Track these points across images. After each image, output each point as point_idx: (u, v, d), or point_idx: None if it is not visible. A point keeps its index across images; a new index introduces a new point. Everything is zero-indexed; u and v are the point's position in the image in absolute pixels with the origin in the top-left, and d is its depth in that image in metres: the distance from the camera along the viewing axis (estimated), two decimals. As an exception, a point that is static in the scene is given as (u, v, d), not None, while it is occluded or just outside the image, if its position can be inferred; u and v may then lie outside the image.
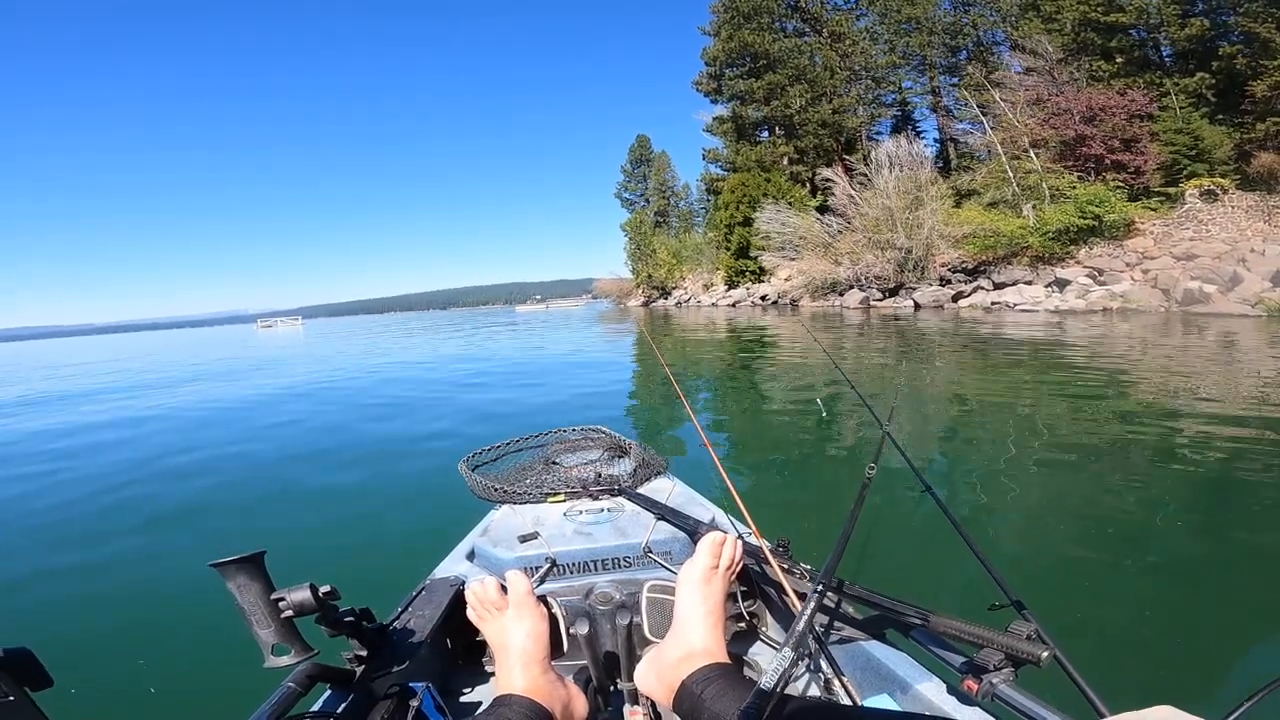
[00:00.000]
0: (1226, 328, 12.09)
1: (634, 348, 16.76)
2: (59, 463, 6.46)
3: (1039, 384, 7.63)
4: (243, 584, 0.95)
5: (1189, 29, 23.91)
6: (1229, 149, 22.10)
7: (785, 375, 10.01)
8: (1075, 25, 26.05)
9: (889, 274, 26.04)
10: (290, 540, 3.87)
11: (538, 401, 8.32)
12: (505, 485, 1.97)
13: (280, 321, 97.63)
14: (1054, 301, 18.58)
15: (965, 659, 1.06)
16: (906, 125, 39.48)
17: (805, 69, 39.86)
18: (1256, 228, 18.95)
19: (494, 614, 1.22)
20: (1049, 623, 1.01)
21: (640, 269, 51.90)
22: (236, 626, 0.96)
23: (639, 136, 63.93)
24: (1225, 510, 3.63)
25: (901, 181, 26.22)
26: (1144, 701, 0.66)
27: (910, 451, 2.11)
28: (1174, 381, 7.22)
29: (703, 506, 1.83)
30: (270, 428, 7.71)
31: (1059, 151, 24.45)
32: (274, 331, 64.28)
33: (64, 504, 5.04)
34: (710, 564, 1.23)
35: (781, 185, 38.12)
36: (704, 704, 0.97)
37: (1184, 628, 2.44)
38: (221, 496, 4.98)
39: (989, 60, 33.30)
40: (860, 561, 2.88)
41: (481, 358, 15.86)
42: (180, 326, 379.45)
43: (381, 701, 1.12)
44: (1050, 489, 4.05)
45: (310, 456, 6.08)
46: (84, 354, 38.79)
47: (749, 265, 37.98)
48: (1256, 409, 5.59)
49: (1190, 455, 4.50)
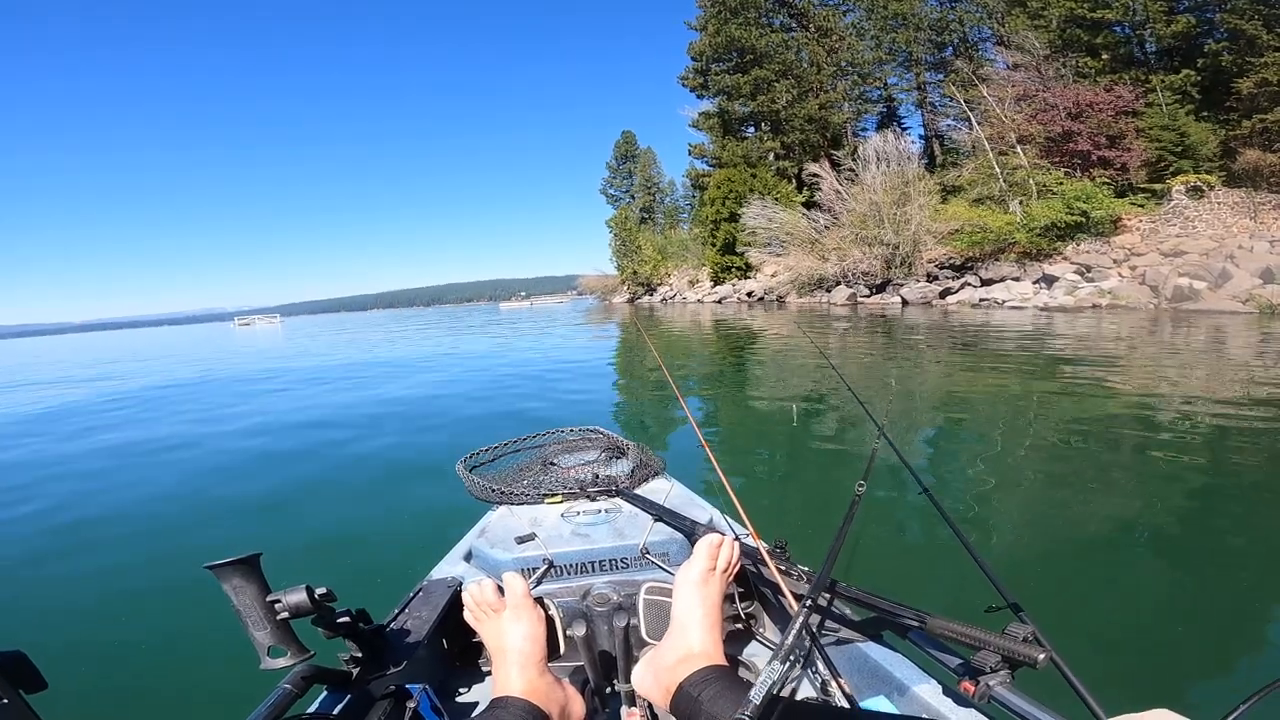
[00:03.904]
0: (1217, 325, 12.16)
1: (627, 347, 16.76)
2: (51, 467, 6.37)
3: (1032, 383, 7.65)
4: (238, 586, 0.95)
5: (1174, 26, 24.05)
6: (1214, 146, 22.26)
7: (780, 375, 10.02)
8: (1061, 21, 26.12)
9: (876, 270, 26.02)
10: (286, 542, 3.85)
11: (535, 402, 8.29)
12: (503, 486, 1.97)
13: (258, 319, 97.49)
14: (1042, 298, 18.63)
15: (962, 661, 1.07)
16: (892, 121, 39.52)
17: (792, 64, 39.80)
18: (1243, 224, 19.06)
19: (491, 615, 1.22)
20: (1046, 624, 1.02)
21: (625, 265, 51.69)
22: (232, 628, 0.96)
23: (624, 132, 64.07)
24: (1222, 510, 3.65)
25: (889, 177, 26.23)
26: (1141, 704, 0.66)
27: (905, 452, 2.12)
28: (1168, 380, 7.27)
29: (700, 508, 1.83)
30: (268, 428, 7.65)
31: (1045, 147, 24.52)
32: (252, 329, 63.95)
33: (56, 507, 4.97)
34: (708, 565, 1.23)
35: (768, 181, 38.00)
36: (701, 706, 0.97)
37: (1181, 629, 2.46)
38: (217, 498, 4.94)
39: (975, 57, 33.32)
40: (857, 563, 2.89)
41: (475, 355, 15.84)
42: (159, 324, 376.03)
43: (378, 703, 1.12)
44: (1046, 489, 4.07)
45: (306, 457, 6.05)
46: (58, 353, 38.47)
47: (735, 261, 37.87)
48: (1252, 408, 5.62)
49: (1188, 455, 4.53)
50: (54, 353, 38.58)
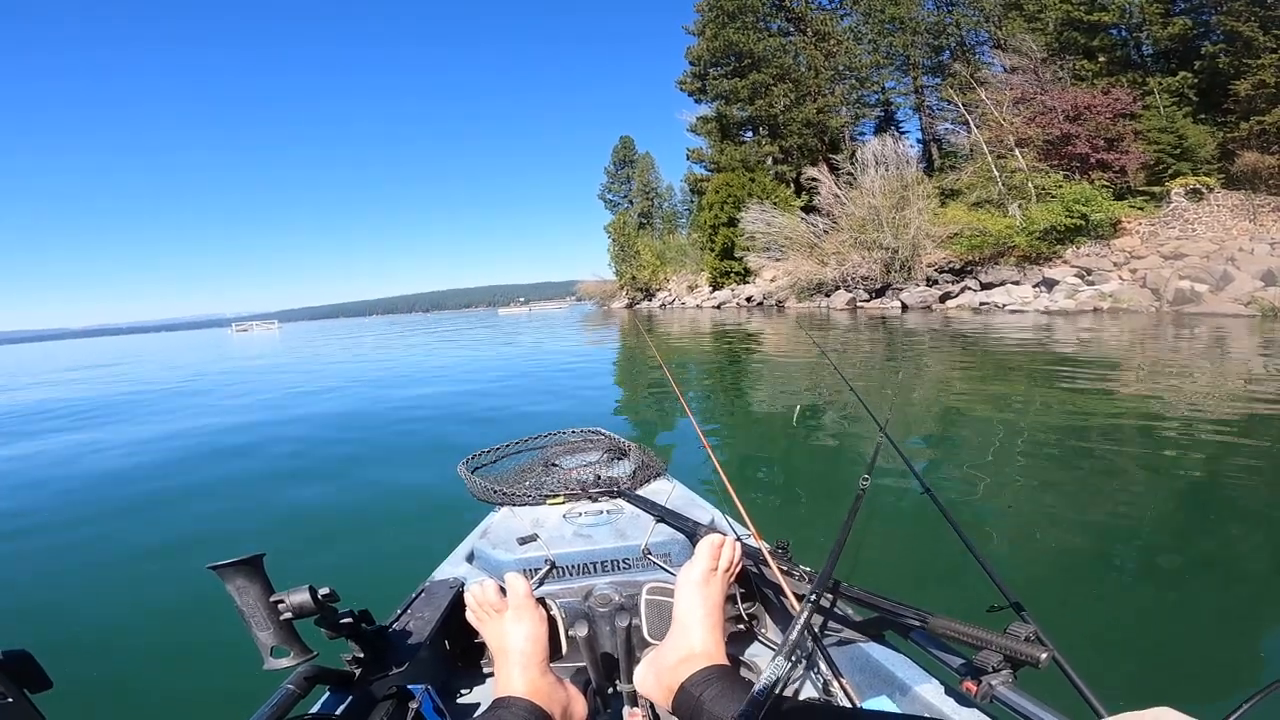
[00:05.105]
0: (1219, 327, 12.13)
1: (627, 349, 16.77)
2: (54, 469, 6.37)
3: (1033, 385, 7.65)
4: (242, 586, 0.95)
5: (1171, 28, 24.12)
6: (1213, 148, 22.29)
7: (780, 376, 10.02)
8: (1058, 24, 26.20)
9: (876, 274, 26.03)
10: (289, 542, 3.86)
11: (536, 404, 8.30)
12: (505, 487, 1.97)
13: (255, 325, 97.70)
14: (1043, 302, 18.62)
15: (964, 660, 1.07)
16: (890, 125, 39.58)
17: (789, 68, 39.98)
18: (1242, 227, 19.08)
19: (493, 616, 1.22)
20: (1047, 624, 1.02)
21: (624, 271, 51.72)
22: (236, 629, 0.96)
23: (622, 137, 64.06)
24: (1225, 511, 3.64)
25: (887, 181, 26.23)
26: (1143, 703, 0.66)
27: (907, 453, 2.12)
28: (1170, 382, 7.27)
29: (702, 508, 1.83)
30: (267, 428, 7.67)
31: (1044, 150, 24.55)
32: (249, 335, 64.27)
33: (61, 508, 4.98)
34: (709, 566, 1.23)
35: (766, 185, 38.09)
36: (703, 706, 0.98)
37: (1183, 629, 2.46)
38: (220, 499, 4.95)
39: (972, 60, 33.39)
40: (859, 563, 2.88)
41: (475, 357, 15.85)
42: (157, 330, 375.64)
43: (381, 703, 1.12)
44: (1048, 490, 4.06)
45: (309, 458, 6.06)
46: (56, 360, 38.46)
47: (734, 266, 37.93)
48: (1254, 409, 5.62)
49: (1188, 455, 4.53)
50: (53, 359, 38.55)
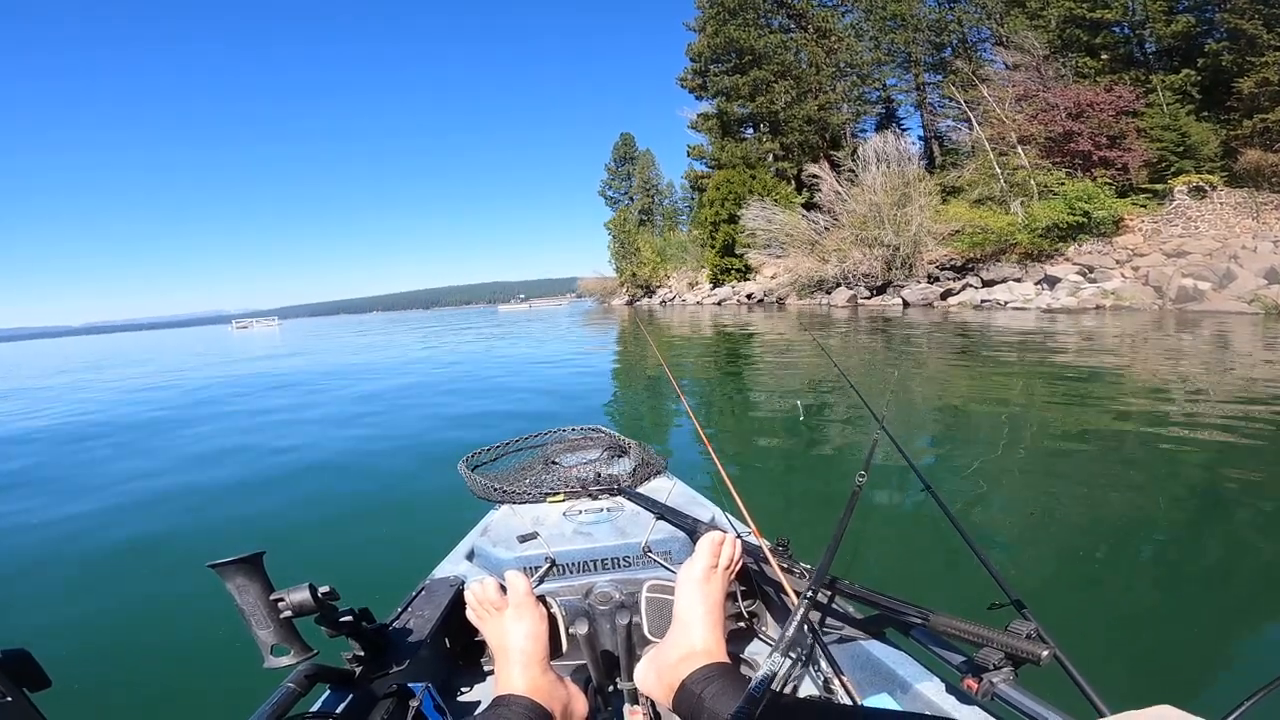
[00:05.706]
0: (1222, 325, 12.12)
1: (626, 347, 16.77)
2: (54, 469, 6.37)
3: (1035, 382, 7.64)
4: (242, 585, 0.95)
5: (1174, 25, 24.07)
6: (1216, 146, 22.25)
7: (780, 374, 9.99)
8: (1060, 21, 26.14)
9: (877, 271, 26.00)
10: (289, 540, 3.85)
11: (536, 402, 8.30)
12: (505, 485, 1.96)
13: (256, 322, 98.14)
14: (1045, 299, 18.59)
15: (965, 658, 1.07)
16: (891, 122, 39.47)
17: (790, 65, 39.89)
18: (1245, 224, 19.03)
19: (493, 614, 1.22)
20: (1049, 622, 1.02)
21: (624, 267, 51.76)
22: (236, 627, 0.96)
23: (623, 134, 64.27)
24: (1227, 509, 3.63)
25: (888, 178, 26.20)
26: (1144, 700, 0.66)
27: (908, 449, 2.12)
28: (1172, 380, 7.25)
29: (702, 506, 1.83)
30: (267, 427, 7.65)
31: (1046, 148, 24.51)
32: (250, 332, 64.50)
33: (59, 505, 4.97)
34: (710, 563, 1.23)
35: (767, 182, 38.00)
36: (703, 703, 0.98)
37: (1184, 627, 2.46)
38: (220, 497, 4.92)
39: (974, 57, 33.33)
40: (860, 561, 2.88)
41: (475, 356, 15.86)
42: (158, 327, 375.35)
43: (381, 701, 1.11)
44: (1049, 487, 4.05)
45: (309, 456, 6.04)
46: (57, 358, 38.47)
47: (734, 263, 37.87)
48: (1258, 408, 5.59)
49: (1189, 453, 4.52)
50: (50, 358, 38.56)
